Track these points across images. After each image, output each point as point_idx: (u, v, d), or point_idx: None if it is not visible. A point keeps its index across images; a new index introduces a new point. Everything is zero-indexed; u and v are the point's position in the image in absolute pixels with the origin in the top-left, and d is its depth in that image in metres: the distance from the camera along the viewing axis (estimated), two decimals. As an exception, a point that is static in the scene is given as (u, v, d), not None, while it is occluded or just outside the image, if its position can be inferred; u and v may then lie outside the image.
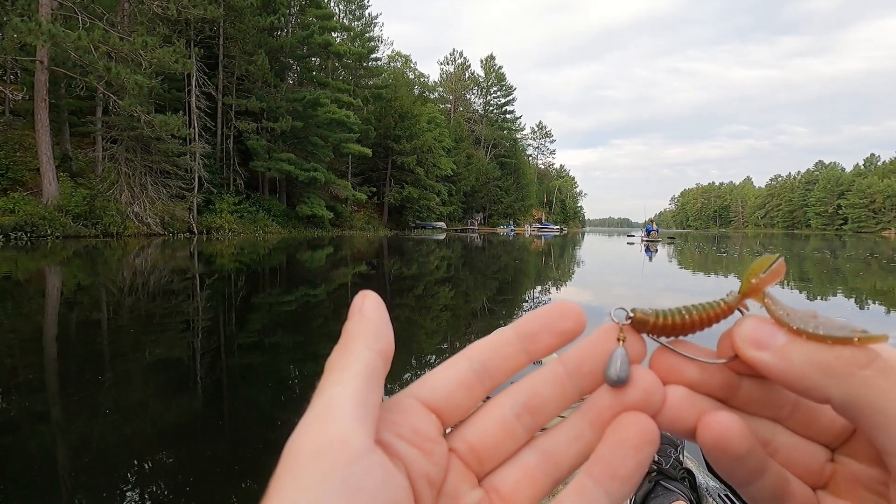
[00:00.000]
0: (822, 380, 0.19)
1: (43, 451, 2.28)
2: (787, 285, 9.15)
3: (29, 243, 14.52)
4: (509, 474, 0.22)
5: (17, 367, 3.47)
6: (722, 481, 1.28)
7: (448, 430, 0.23)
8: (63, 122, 20.51)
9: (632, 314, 0.23)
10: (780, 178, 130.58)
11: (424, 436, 0.21)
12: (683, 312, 0.22)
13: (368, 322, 0.21)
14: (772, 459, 0.22)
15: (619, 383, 0.21)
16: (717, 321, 0.23)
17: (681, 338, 0.23)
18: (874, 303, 7.20)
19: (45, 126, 17.24)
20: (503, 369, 0.23)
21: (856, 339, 0.19)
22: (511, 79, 69.55)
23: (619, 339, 0.22)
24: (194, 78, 24.73)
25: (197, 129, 25.00)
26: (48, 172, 17.32)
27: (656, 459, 1.31)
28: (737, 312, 0.22)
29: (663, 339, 0.23)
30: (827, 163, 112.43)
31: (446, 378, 0.22)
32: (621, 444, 0.20)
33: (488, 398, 0.23)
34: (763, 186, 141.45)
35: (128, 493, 1.95)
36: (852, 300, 7.36)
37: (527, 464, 0.22)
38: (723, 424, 0.20)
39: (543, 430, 0.23)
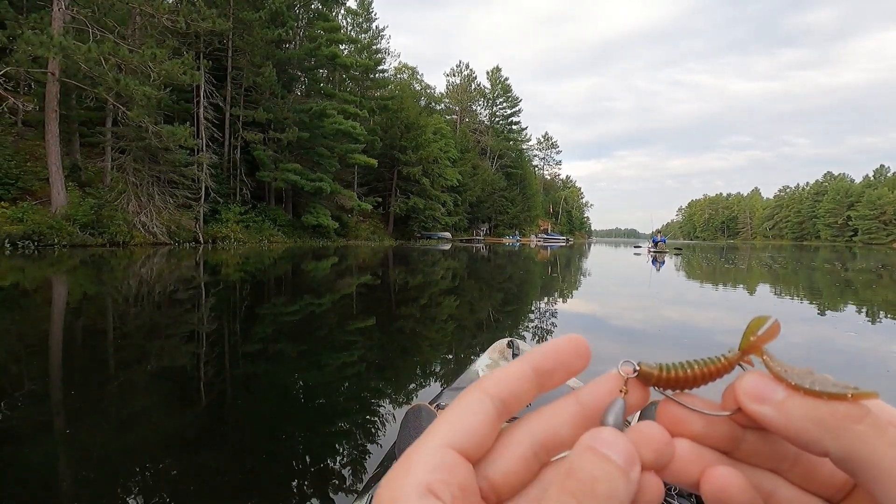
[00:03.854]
0: (819, 433, 0.20)
1: (45, 462, 2.24)
2: (798, 297, 9.01)
3: (36, 252, 14.61)
4: None
5: (23, 376, 3.44)
6: None
7: None
8: (73, 132, 20.77)
9: (638, 367, 0.24)
10: (788, 189, 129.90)
11: (471, 493, 0.22)
12: (686, 367, 0.23)
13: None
14: None
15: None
16: (719, 377, 0.24)
17: (686, 391, 0.24)
18: (887, 316, 7.05)
19: (55, 136, 17.46)
20: (520, 404, 0.24)
21: (849, 395, 0.20)
22: (513, 90, 69.85)
23: (620, 391, 0.24)
24: (202, 89, 25.02)
25: (204, 140, 25.24)
26: (57, 182, 17.49)
27: None
28: (738, 367, 0.24)
29: (668, 392, 0.24)
30: (836, 174, 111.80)
31: (477, 423, 0.23)
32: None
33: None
34: (771, 197, 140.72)
35: (129, 503, 1.90)
36: (863, 313, 7.21)
37: (537, 501, 0.23)
38: (724, 478, 0.21)
39: None
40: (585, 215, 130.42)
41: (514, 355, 2.38)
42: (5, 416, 2.72)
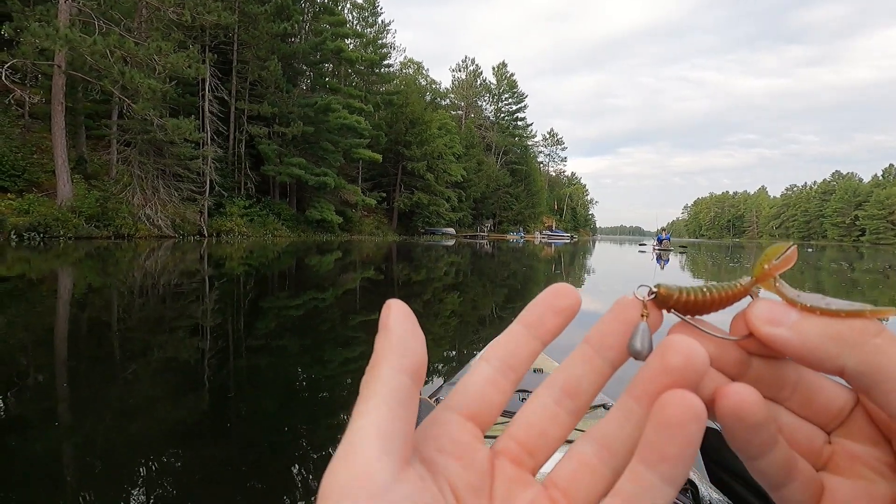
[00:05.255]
0: (837, 349, 0.20)
1: (51, 451, 2.26)
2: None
3: (41, 244, 14.70)
4: (565, 466, 0.22)
5: (29, 366, 3.45)
6: (725, 493, 1.22)
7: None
8: (79, 125, 20.82)
9: (656, 289, 0.23)
10: (795, 188, 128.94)
11: (464, 445, 0.21)
12: (705, 290, 0.23)
13: (393, 337, 0.21)
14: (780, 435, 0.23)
15: (640, 356, 0.22)
16: (732, 303, 0.24)
17: (697, 317, 0.24)
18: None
19: (61, 129, 17.51)
20: (521, 359, 0.24)
21: (867, 312, 0.20)
22: (518, 86, 69.56)
23: (642, 315, 0.23)
24: (208, 83, 25.02)
25: (209, 133, 25.26)
26: (63, 174, 17.56)
27: None
28: (749, 297, 0.23)
29: (684, 317, 0.24)
30: (844, 173, 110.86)
31: (473, 383, 0.23)
32: (665, 425, 0.19)
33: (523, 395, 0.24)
34: (778, 196, 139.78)
35: (134, 494, 1.91)
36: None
37: (582, 454, 0.22)
38: (741, 394, 0.21)
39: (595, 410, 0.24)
40: (590, 212, 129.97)
41: None
42: (12, 405, 2.73)
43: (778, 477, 0.22)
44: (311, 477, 2.13)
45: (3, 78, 15.92)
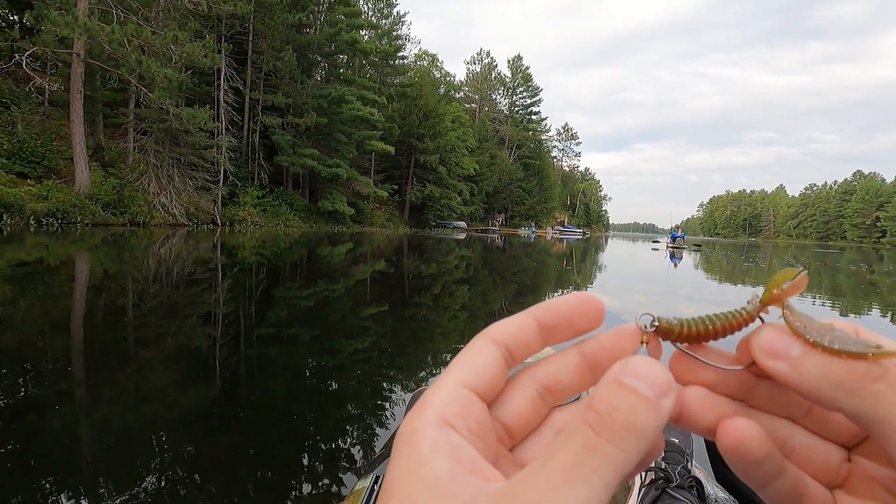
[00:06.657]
0: (834, 392, 0.20)
1: (65, 433, 2.30)
2: (819, 298, 8.80)
3: (59, 229, 14.96)
4: (533, 450, 0.24)
5: (47, 349, 3.53)
6: (731, 492, 1.20)
7: None
8: (97, 113, 21.09)
9: (657, 323, 0.23)
10: (814, 188, 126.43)
11: (485, 425, 0.22)
12: (707, 322, 0.23)
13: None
14: (789, 462, 0.22)
15: None
16: (739, 329, 0.23)
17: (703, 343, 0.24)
18: (914, 319, 6.84)
19: (79, 117, 17.76)
20: (523, 354, 0.25)
21: (869, 355, 0.19)
22: (533, 79, 68.84)
23: (643, 342, 0.23)
24: (223, 73, 25.16)
25: (224, 123, 25.44)
26: (81, 161, 17.82)
27: (664, 467, 1.25)
28: (758, 319, 0.23)
29: (685, 347, 0.24)
30: (866, 173, 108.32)
31: (486, 364, 0.24)
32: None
33: None
34: (797, 195, 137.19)
35: (145, 476, 1.94)
36: (888, 317, 7.01)
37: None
38: (741, 430, 0.21)
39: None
40: (603, 208, 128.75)
41: None
42: (30, 387, 2.80)
43: (786, 501, 0.22)
44: (316, 463, 2.15)
45: (24, 66, 16.16)
